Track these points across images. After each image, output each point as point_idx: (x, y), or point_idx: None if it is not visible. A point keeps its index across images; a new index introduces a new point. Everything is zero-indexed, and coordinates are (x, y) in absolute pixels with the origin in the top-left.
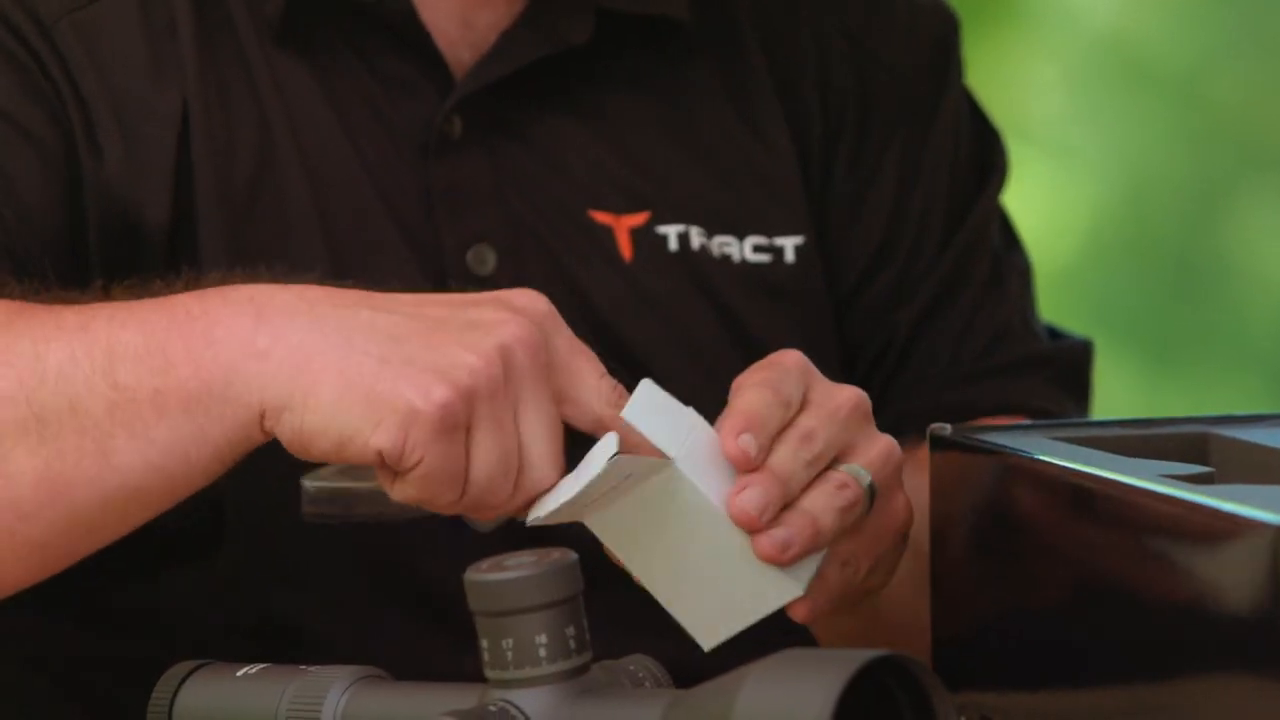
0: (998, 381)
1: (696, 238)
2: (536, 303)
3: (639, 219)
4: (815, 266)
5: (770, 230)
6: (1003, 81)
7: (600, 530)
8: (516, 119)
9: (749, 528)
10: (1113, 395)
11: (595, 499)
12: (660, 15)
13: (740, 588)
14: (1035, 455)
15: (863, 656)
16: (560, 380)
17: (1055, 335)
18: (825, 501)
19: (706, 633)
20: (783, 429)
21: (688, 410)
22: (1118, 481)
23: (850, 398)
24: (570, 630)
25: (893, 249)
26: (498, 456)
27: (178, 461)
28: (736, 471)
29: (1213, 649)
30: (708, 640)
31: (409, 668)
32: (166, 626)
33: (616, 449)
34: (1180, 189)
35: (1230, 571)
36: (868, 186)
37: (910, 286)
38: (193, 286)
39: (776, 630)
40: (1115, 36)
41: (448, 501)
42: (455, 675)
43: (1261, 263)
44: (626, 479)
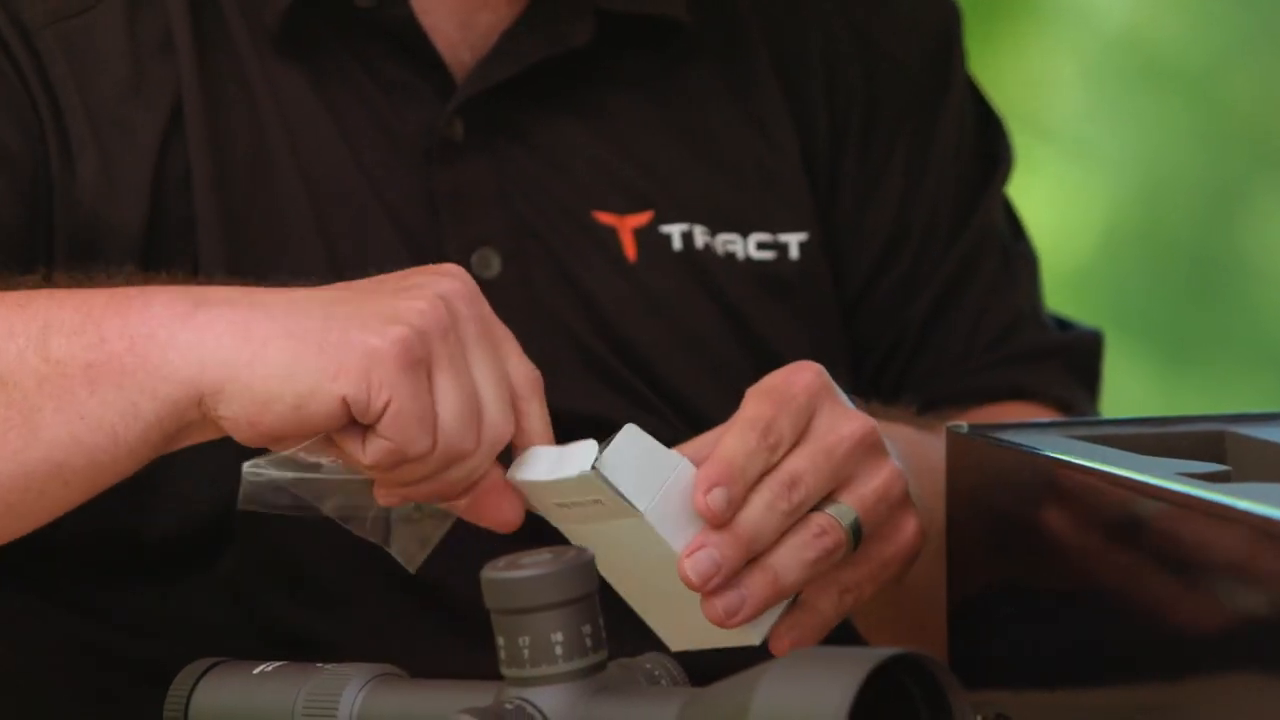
0: (1013, 369)
1: (700, 236)
2: (464, 273)
3: (642, 219)
4: (820, 263)
5: (774, 227)
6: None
7: (572, 539)
8: (518, 121)
9: (697, 590)
10: (1129, 394)
11: (567, 505)
12: (660, 16)
13: (703, 621)
14: (1051, 454)
15: (879, 655)
16: (494, 337)
17: (1064, 325)
18: (794, 555)
19: (674, 639)
20: (766, 472)
21: (670, 454)
22: (1134, 480)
23: (856, 430)
24: (586, 628)
25: (903, 242)
26: (461, 398)
27: (105, 438)
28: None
29: (1229, 648)
30: (675, 645)
31: (425, 666)
32: (182, 627)
33: (593, 460)
34: (1196, 187)
35: (1247, 570)
36: (876, 181)
37: (921, 279)
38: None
39: None
40: (1132, 35)
41: (421, 450)
42: (471, 673)
43: (1277, 261)
44: (596, 503)
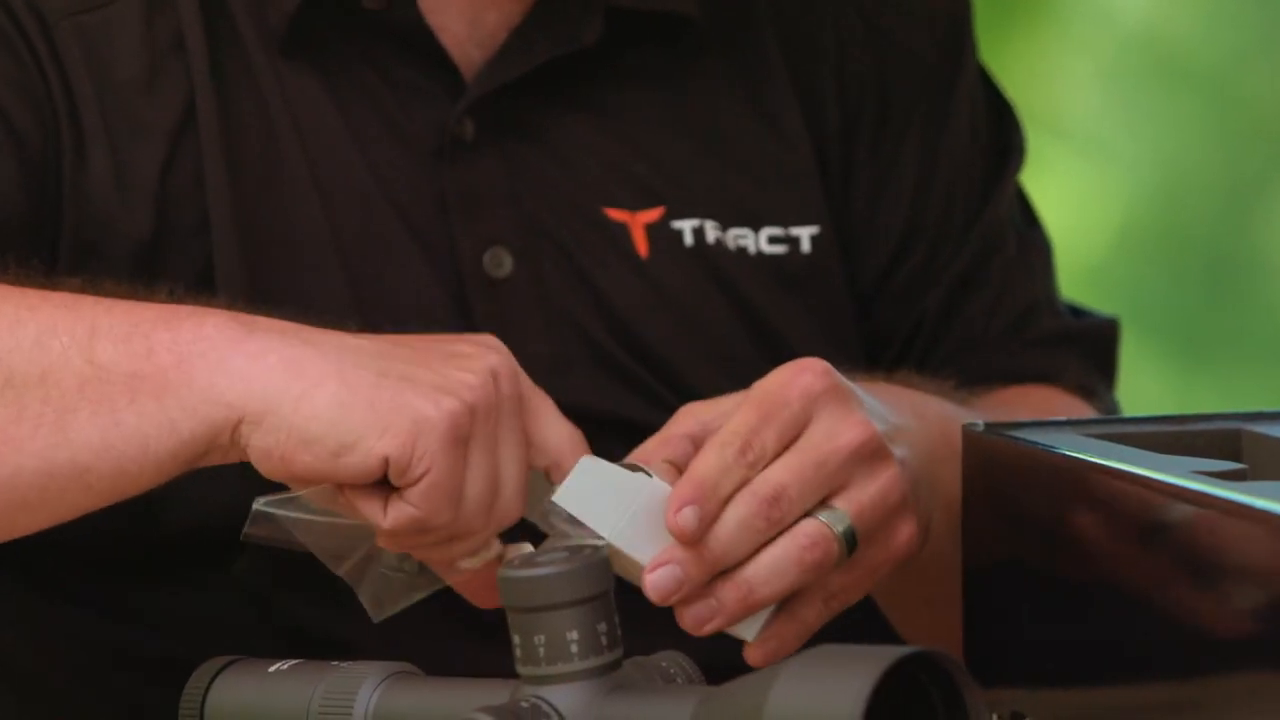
0: (1031, 354)
1: (712, 231)
2: (499, 343)
3: (653, 215)
4: (832, 256)
5: (786, 221)
6: (1036, 78)
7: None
8: (528, 119)
9: (661, 604)
10: (1145, 391)
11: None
12: (670, 12)
13: None
14: (1068, 452)
15: (895, 653)
16: (525, 419)
17: (1078, 314)
18: (774, 567)
19: None
20: (741, 487)
21: (636, 477)
22: (1150, 478)
23: (854, 439)
24: (602, 626)
25: (918, 232)
26: (487, 480)
27: (136, 448)
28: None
29: (1246, 647)
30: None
31: (440, 664)
32: (197, 626)
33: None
34: (1212, 185)
35: (1264, 568)
36: (889, 172)
37: (937, 268)
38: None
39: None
40: (1148, 33)
41: (441, 523)
42: (486, 672)
43: None
44: (570, 521)
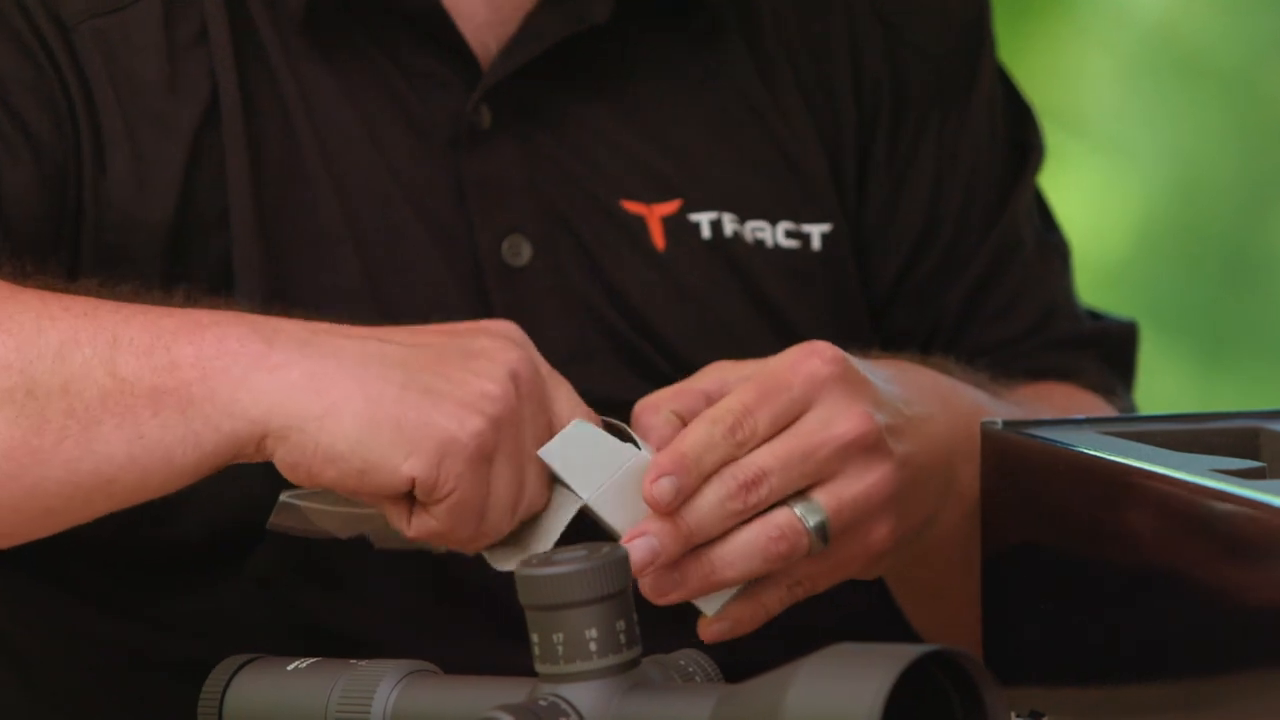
0: (1050, 356)
1: (729, 224)
2: (516, 330)
3: (671, 207)
4: (843, 255)
5: (799, 217)
6: (1054, 75)
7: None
8: (545, 107)
9: (634, 575)
10: (1164, 390)
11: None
12: None
13: None
14: (1086, 450)
15: (913, 651)
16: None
17: (1096, 317)
18: (741, 551)
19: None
20: (724, 464)
21: (626, 447)
22: (1169, 476)
23: (851, 430)
24: (621, 624)
25: (936, 232)
26: (512, 489)
27: (159, 460)
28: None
29: (1264, 645)
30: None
31: (458, 662)
32: (216, 625)
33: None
34: (1232, 183)
35: None
36: (906, 171)
37: (955, 269)
38: (190, 304)
39: (837, 608)
40: (1167, 30)
41: (465, 534)
42: (505, 670)
43: None
44: (555, 479)
